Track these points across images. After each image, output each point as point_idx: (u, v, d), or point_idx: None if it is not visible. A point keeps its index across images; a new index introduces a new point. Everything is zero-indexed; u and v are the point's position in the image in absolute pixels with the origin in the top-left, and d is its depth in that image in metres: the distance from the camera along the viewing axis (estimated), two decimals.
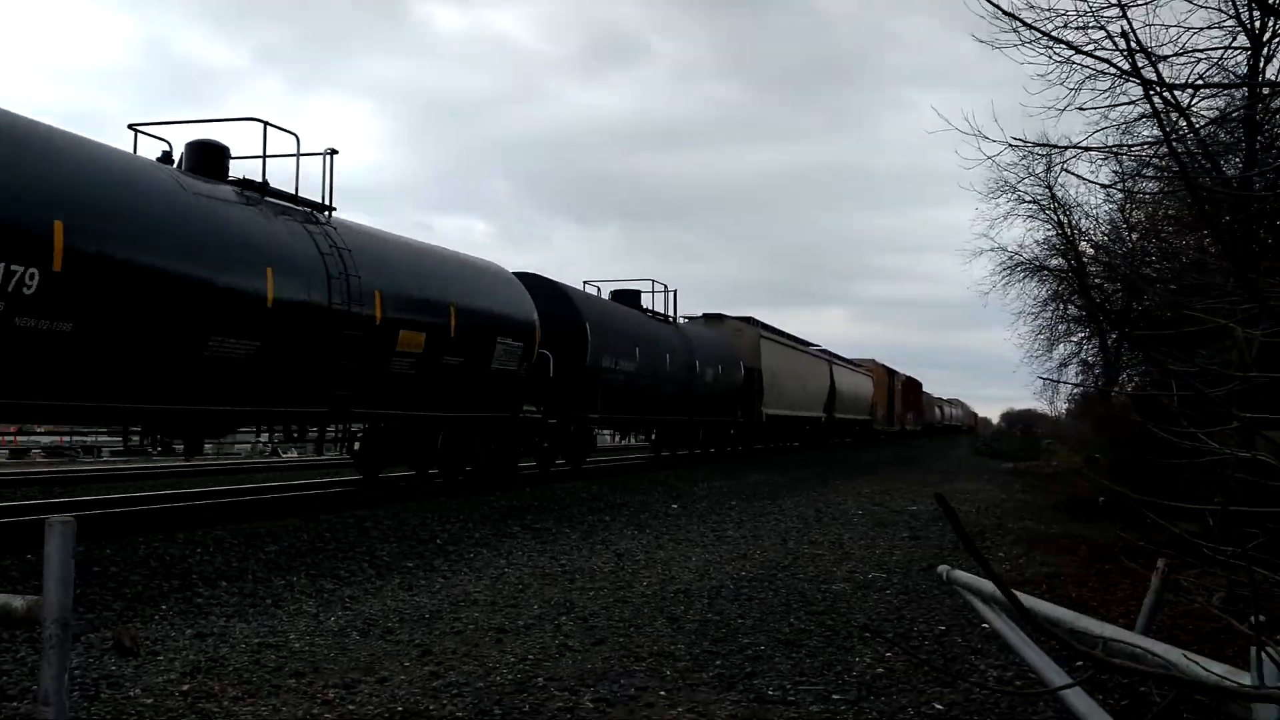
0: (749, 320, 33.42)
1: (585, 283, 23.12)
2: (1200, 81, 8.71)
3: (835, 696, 5.33)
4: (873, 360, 58.26)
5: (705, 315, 31.74)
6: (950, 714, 5.07)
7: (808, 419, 39.58)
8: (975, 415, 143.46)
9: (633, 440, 30.48)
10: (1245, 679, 2.60)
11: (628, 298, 24.78)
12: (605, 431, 28.43)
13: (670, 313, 26.72)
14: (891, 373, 61.73)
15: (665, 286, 26.67)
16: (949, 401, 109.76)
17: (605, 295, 24.06)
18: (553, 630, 6.76)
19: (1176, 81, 7.39)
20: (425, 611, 7.28)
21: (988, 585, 4.55)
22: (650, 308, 25.73)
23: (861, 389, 51.23)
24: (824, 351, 44.56)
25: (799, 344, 39.98)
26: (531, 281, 19.09)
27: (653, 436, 27.38)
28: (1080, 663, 5.55)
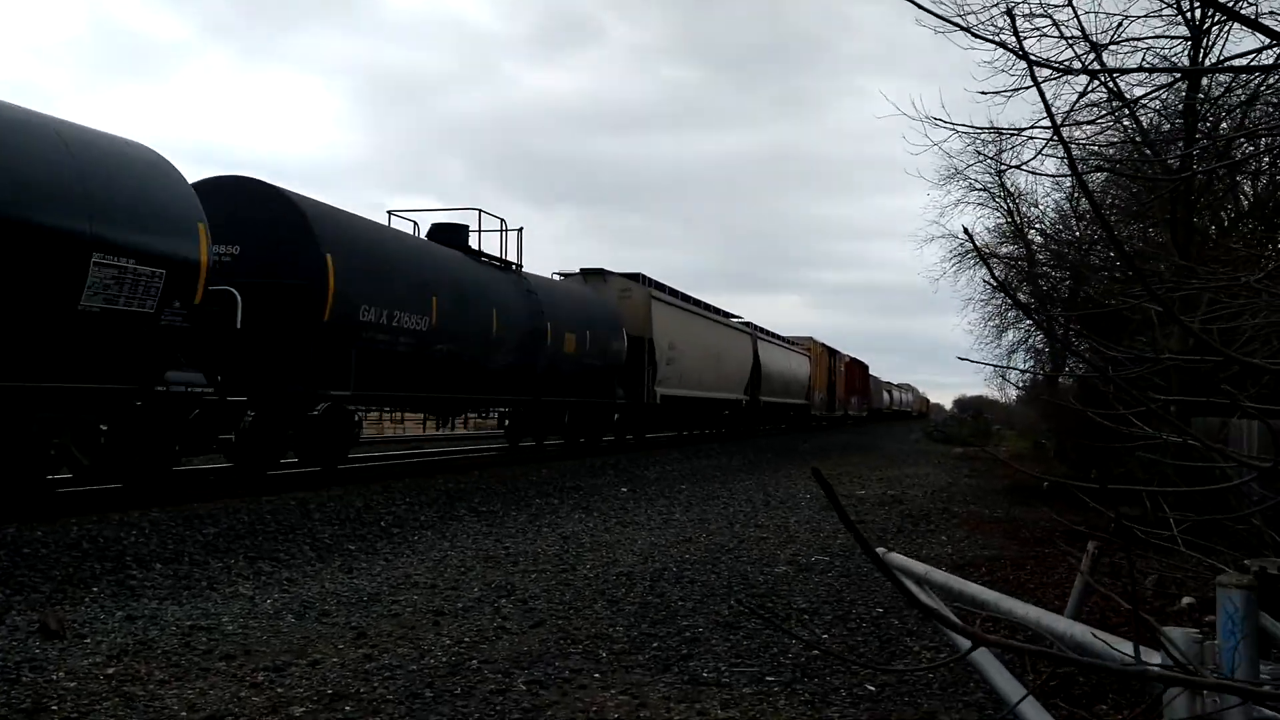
0: (638, 278, 26.85)
1: (391, 214, 17.70)
2: (1143, 66, 8.80)
3: (769, 678, 5.34)
4: (810, 338, 52.32)
5: (583, 270, 26.05)
6: (882, 694, 5.10)
7: (723, 401, 33.56)
8: (927, 401, 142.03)
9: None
10: (1155, 658, 2.63)
11: (447, 234, 18.46)
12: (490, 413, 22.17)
13: (516, 259, 20.16)
14: (832, 352, 56.53)
15: (504, 223, 20.11)
16: (899, 386, 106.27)
17: (425, 229, 18.41)
18: (491, 613, 6.72)
19: (1119, 70, 7.45)
20: (364, 594, 7.20)
21: (920, 567, 4.58)
22: (481, 249, 19.17)
23: (796, 369, 45.71)
24: (747, 325, 38.69)
25: (711, 312, 33.10)
26: (233, 185, 13.40)
27: (505, 423, 22.60)
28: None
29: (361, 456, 18.64)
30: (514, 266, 19.99)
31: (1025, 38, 8.35)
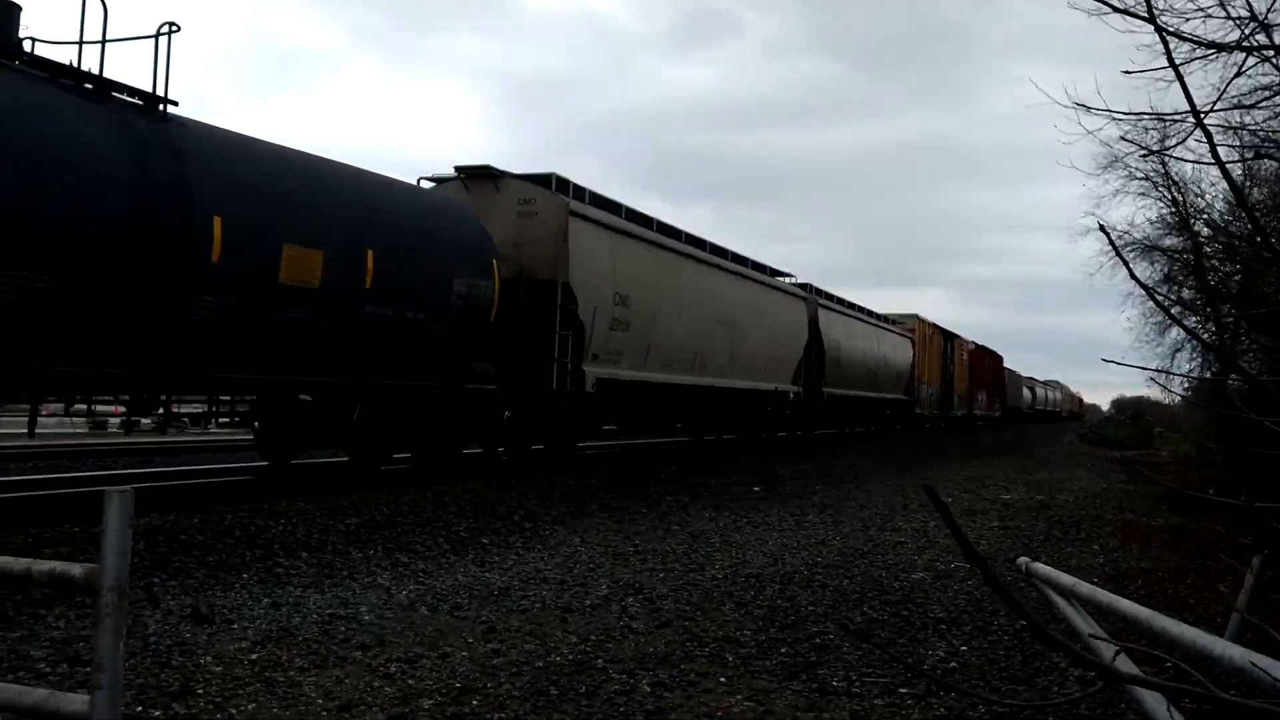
0: (548, 181, 15.97)
1: None
2: None
3: (902, 690, 5.14)
4: (916, 316, 41.46)
5: (460, 170, 15.85)
6: (1023, 714, 4.84)
7: (751, 393, 22.96)
8: (1080, 400, 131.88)
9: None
10: None
11: None
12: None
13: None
14: (948, 336, 45.44)
15: None
16: (1045, 383, 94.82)
17: None
18: (619, 611, 6.70)
19: None
20: (494, 588, 7.30)
21: (1067, 579, 4.32)
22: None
23: (889, 354, 35.74)
24: (804, 286, 28.08)
25: (713, 255, 21.20)
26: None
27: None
28: (1168, 665, 5.25)
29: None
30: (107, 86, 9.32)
31: (1190, 18, 7.82)
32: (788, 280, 26.94)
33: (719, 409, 22.73)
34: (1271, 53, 7.41)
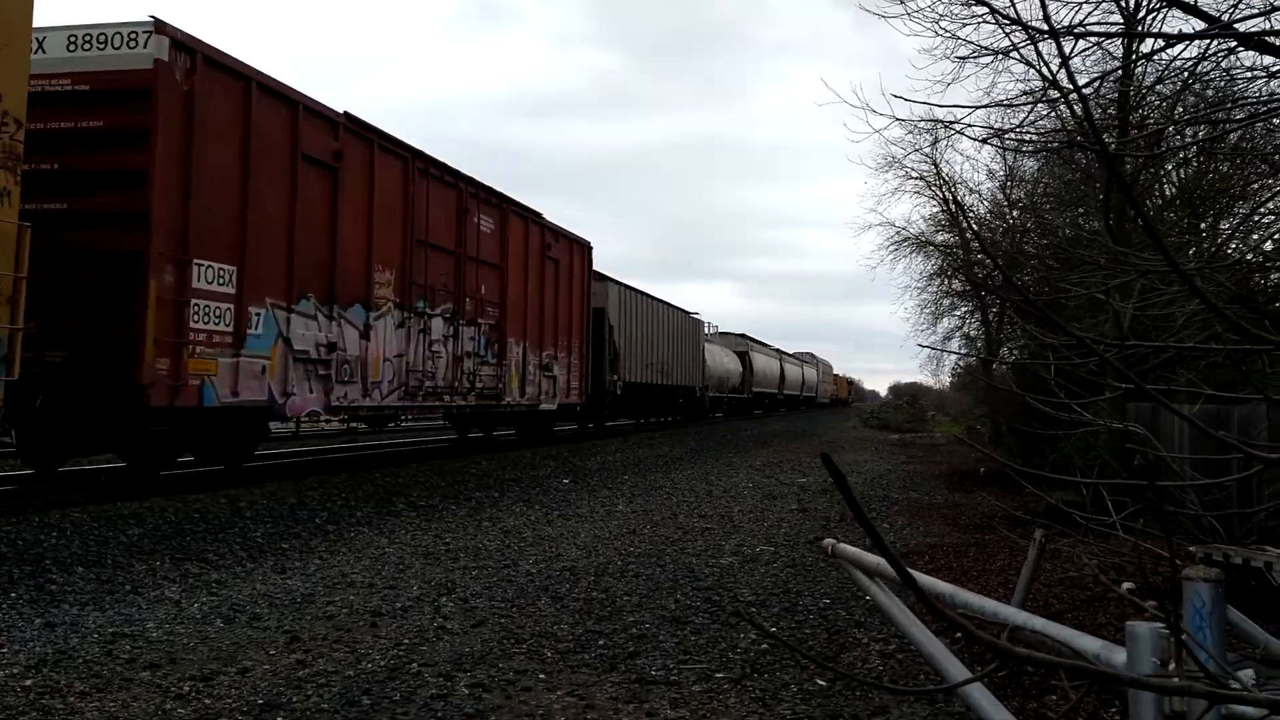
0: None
1: None
2: (1080, 34, 8.85)
3: (719, 675, 5.24)
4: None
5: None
6: (833, 688, 5.03)
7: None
8: (848, 382, 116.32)
9: None
10: (1120, 655, 2.55)
11: None
12: None
13: None
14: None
15: None
16: (794, 357, 70.49)
17: None
18: (431, 612, 6.52)
19: (1066, 30, 7.45)
20: (297, 595, 6.95)
21: (871, 559, 4.50)
22: None
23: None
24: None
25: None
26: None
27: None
28: (959, 634, 5.60)
29: (287, 451, 18.21)
30: None
31: (965, 24, 8.35)
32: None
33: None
34: (1036, 59, 8.03)
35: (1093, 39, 9.22)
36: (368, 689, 4.90)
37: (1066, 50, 9.15)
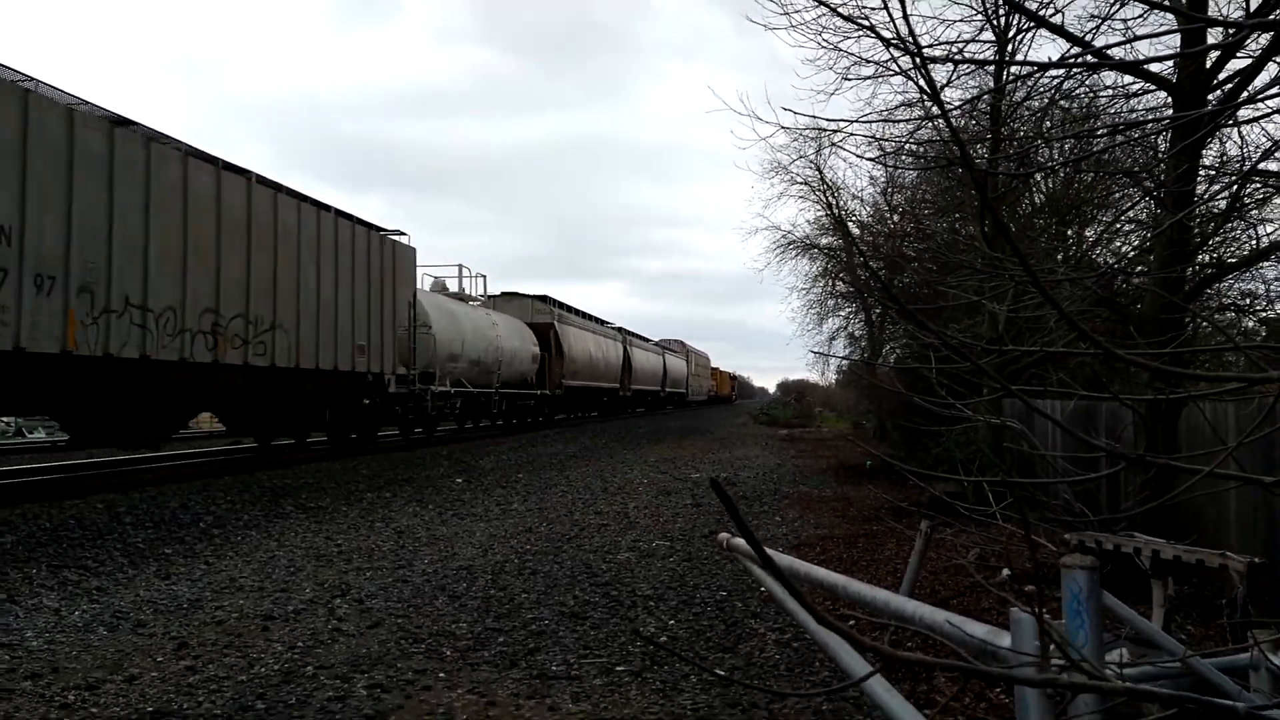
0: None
1: None
2: (955, 57, 9.20)
3: (620, 668, 5.31)
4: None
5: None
6: (732, 678, 5.15)
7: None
8: (731, 377, 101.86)
9: None
10: (1005, 639, 2.70)
11: None
12: None
13: None
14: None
15: None
16: (652, 344, 56.30)
17: None
18: (325, 614, 6.42)
19: (934, 68, 7.78)
20: (183, 601, 6.75)
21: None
22: None
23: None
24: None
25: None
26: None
27: None
28: (851, 622, 5.79)
29: (169, 455, 17.58)
30: None
31: (847, 37, 8.61)
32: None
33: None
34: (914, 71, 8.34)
35: (968, 56, 9.64)
36: (262, 693, 4.81)
37: (944, 67, 9.50)
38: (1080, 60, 6.57)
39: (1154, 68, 7.17)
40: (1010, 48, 10.84)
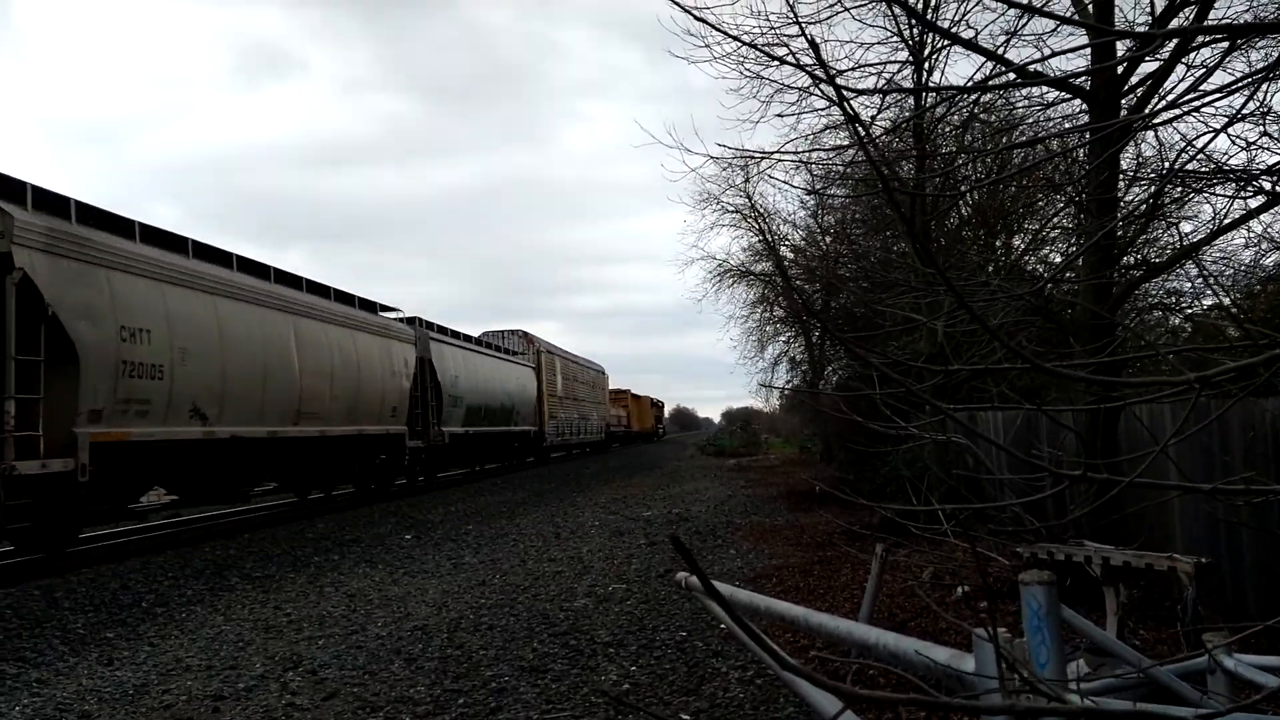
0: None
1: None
2: (874, 89, 9.38)
3: None
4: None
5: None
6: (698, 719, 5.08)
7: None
8: (654, 405, 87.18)
9: None
10: (969, 662, 2.70)
11: None
12: None
13: None
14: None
15: None
16: (500, 352, 32.48)
17: None
18: (278, 690, 6.22)
19: (856, 90, 7.90)
20: (129, 687, 6.50)
21: (724, 589, 4.59)
22: None
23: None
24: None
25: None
26: None
27: None
28: (812, 653, 5.77)
29: (105, 535, 17.04)
30: None
31: (767, 65, 8.74)
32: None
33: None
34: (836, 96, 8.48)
35: (884, 81, 9.84)
36: None
37: (866, 86, 9.67)
38: (1003, 81, 6.73)
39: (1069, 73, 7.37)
40: (928, 65, 11.11)
